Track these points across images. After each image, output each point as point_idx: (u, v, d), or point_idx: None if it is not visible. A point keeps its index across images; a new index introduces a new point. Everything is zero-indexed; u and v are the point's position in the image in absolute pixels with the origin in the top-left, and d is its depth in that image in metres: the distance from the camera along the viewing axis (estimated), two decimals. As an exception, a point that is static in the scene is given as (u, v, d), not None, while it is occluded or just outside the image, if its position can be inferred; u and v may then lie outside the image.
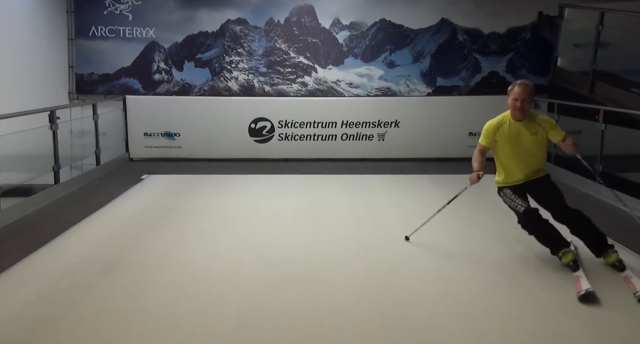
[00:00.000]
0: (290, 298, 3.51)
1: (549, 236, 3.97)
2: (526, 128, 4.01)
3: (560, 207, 3.96)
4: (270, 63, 9.12)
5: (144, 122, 8.41)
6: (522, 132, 4.01)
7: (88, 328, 3.11)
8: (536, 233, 4.00)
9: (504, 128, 4.07)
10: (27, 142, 5.91)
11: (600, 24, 7.80)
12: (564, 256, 3.87)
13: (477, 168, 4.16)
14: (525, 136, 4.00)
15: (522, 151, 4.03)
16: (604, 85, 7.83)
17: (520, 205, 4.00)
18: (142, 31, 8.92)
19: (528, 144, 4.01)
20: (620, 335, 3.04)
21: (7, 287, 3.69)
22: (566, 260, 3.86)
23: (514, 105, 3.99)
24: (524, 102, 3.96)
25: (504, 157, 4.09)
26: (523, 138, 4.01)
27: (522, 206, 3.99)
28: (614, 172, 6.27)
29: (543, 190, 4.06)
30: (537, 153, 4.05)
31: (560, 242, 3.94)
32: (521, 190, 4.06)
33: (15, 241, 4.58)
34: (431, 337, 3.01)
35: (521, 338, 2.99)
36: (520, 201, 4.00)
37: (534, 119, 4.04)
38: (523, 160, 4.04)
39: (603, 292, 3.47)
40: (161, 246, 4.52)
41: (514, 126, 4.04)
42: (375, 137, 8.56)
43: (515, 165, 4.05)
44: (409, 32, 9.06)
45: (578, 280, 3.63)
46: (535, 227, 3.99)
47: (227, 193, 6.39)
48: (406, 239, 4.54)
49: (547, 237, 3.97)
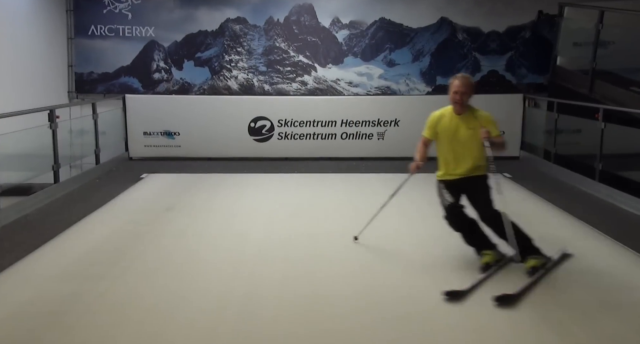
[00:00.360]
0: (290, 293, 3.56)
1: (472, 235, 3.99)
2: (464, 122, 3.99)
3: (484, 209, 3.91)
4: (270, 62, 9.12)
5: (144, 121, 8.41)
6: (460, 126, 4.00)
7: (89, 326, 3.12)
8: (460, 230, 4.02)
9: (444, 121, 4.06)
10: (27, 141, 5.90)
11: (600, 23, 7.80)
12: (483, 257, 3.90)
13: (418, 159, 4.15)
14: (462, 130, 3.98)
15: (459, 145, 4.00)
16: (603, 83, 7.83)
17: (446, 199, 4.01)
18: (142, 30, 8.91)
19: (465, 138, 3.98)
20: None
21: (8, 286, 3.70)
22: (482, 261, 3.88)
23: (454, 98, 3.98)
24: (464, 95, 3.95)
25: (444, 150, 4.09)
26: (460, 132, 3.99)
27: (447, 201, 3.99)
28: (613, 171, 6.27)
29: (473, 190, 3.99)
30: (473, 149, 3.98)
31: (482, 243, 3.95)
32: (456, 187, 4.01)
33: (15, 240, 4.58)
34: (432, 328, 3.04)
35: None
36: (448, 196, 4.01)
37: (474, 114, 4.03)
38: (460, 155, 4.00)
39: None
40: (161, 245, 4.53)
41: (454, 119, 4.03)
42: (375, 135, 8.56)
43: (453, 159, 4.02)
44: (408, 31, 9.06)
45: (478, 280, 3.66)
46: (458, 224, 4.00)
47: (226, 192, 6.40)
48: (355, 239, 4.51)
49: (470, 236, 4.00)
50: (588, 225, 5.04)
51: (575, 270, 3.98)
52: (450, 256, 4.17)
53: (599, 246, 4.54)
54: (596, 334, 3.06)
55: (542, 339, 3.00)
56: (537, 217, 5.38)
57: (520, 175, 7.19)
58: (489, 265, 3.85)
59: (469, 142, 3.96)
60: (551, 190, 6.38)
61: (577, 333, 3.06)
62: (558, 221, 5.26)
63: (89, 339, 3.00)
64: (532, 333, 3.06)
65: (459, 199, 4.01)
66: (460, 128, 3.97)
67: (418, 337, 3.03)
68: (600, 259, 4.23)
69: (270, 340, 2.99)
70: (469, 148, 3.97)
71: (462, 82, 3.95)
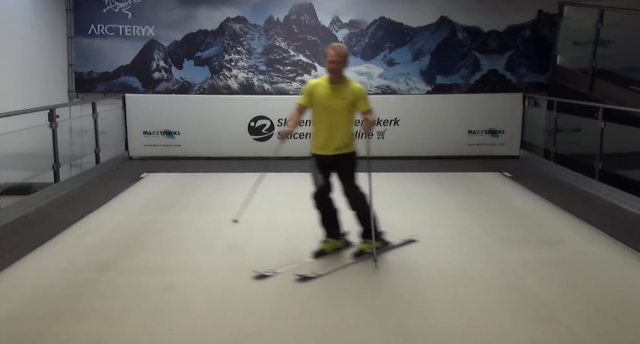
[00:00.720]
0: (290, 290, 3.58)
1: (327, 221, 4.24)
2: (338, 92, 4.08)
3: (345, 184, 4.14)
4: (270, 61, 9.12)
5: (144, 120, 8.41)
6: (334, 96, 4.08)
7: (88, 324, 3.13)
8: (319, 211, 4.23)
9: (320, 89, 4.12)
10: (27, 140, 5.90)
11: (599, 22, 7.80)
12: (322, 243, 4.23)
13: (290, 126, 4.20)
14: (336, 100, 4.07)
15: (332, 115, 4.09)
16: (603, 82, 7.83)
17: (318, 182, 4.15)
18: (142, 29, 8.91)
19: (337, 108, 4.07)
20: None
21: (8, 285, 3.71)
22: (320, 246, 4.21)
23: (330, 67, 4.05)
24: (338, 64, 4.02)
25: (317, 120, 4.18)
26: (334, 101, 4.07)
27: (319, 184, 4.15)
28: (613, 170, 6.27)
29: (340, 166, 4.16)
30: (343, 121, 4.10)
31: (330, 231, 4.24)
32: (328, 165, 4.15)
33: (15, 240, 4.59)
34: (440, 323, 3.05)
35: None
36: (320, 179, 4.14)
37: (349, 85, 4.11)
38: (333, 126, 4.10)
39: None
40: (161, 244, 4.53)
41: (329, 88, 4.10)
42: (374, 135, 8.56)
43: (326, 130, 4.12)
44: (408, 30, 9.06)
45: (295, 263, 3.98)
46: (319, 206, 4.21)
47: (226, 191, 6.39)
48: (234, 222, 4.48)
49: (324, 221, 4.25)
50: (588, 224, 5.04)
51: (575, 269, 3.99)
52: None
53: (598, 245, 4.54)
54: (595, 332, 3.06)
55: (540, 336, 3.01)
56: (536, 216, 5.40)
57: (520, 174, 7.20)
58: (324, 252, 4.19)
59: (340, 113, 4.08)
60: (551, 189, 6.38)
61: (578, 330, 3.06)
62: (558, 220, 5.26)
63: (88, 338, 3.00)
64: (531, 329, 3.08)
65: (330, 177, 4.17)
66: (335, 98, 4.08)
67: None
68: (599, 258, 4.23)
69: (269, 331, 3.01)
70: (341, 118, 4.09)
71: (337, 52, 4.04)
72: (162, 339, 3.01)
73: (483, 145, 8.49)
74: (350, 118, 4.13)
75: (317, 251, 4.21)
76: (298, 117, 4.21)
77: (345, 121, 4.10)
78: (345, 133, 4.12)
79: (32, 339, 2.97)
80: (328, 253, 4.21)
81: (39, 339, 2.97)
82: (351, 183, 4.14)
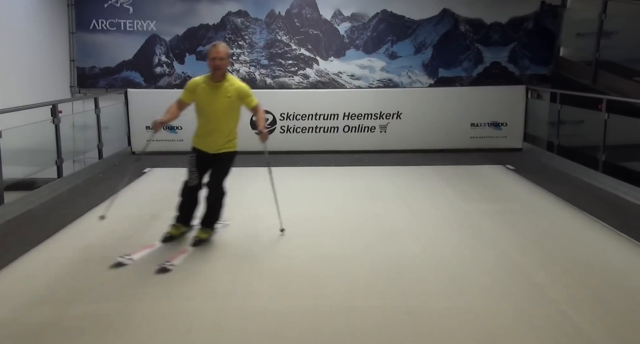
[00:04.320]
0: (293, 288, 3.58)
1: (183, 208, 4.37)
2: (221, 90, 4.10)
3: (214, 180, 4.23)
4: (272, 55, 9.10)
5: (146, 115, 8.38)
6: (217, 93, 4.09)
7: (93, 318, 3.14)
8: (181, 197, 4.35)
9: (202, 87, 4.13)
10: (30, 136, 5.91)
11: (603, 13, 7.76)
12: (171, 228, 4.37)
13: (165, 117, 4.19)
14: (219, 98, 4.08)
15: (215, 114, 4.11)
16: (606, 74, 7.80)
17: (191, 180, 4.25)
18: (143, 24, 8.90)
19: (220, 106, 4.10)
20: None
21: (12, 280, 3.73)
22: (168, 231, 4.35)
23: (214, 64, 4.05)
24: (222, 60, 4.04)
25: (200, 119, 4.21)
26: (217, 99, 4.08)
27: (191, 183, 4.25)
28: (616, 162, 6.25)
29: (218, 163, 4.24)
30: (228, 119, 4.17)
31: (182, 217, 4.37)
32: (206, 162, 4.23)
33: (19, 235, 4.61)
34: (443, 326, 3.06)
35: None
36: (194, 177, 4.23)
37: (232, 83, 4.13)
38: (215, 125, 4.14)
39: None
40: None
41: (212, 86, 4.12)
42: (377, 128, 8.55)
43: (209, 129, 4.16)
44: (410, 23, 9.02)
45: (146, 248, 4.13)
46: (184, 196, 4.34)
47: (228, 185, 6.37)
48: (101, 218, 4.49)
49: (182, 208, 4.37)
50: (591, 216, 5.04)
51: (579, 261, 3.99)
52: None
53: (602, 237, 4.53)
54: (600, 322, 3.07)
55: (546, 327, 3.01)
56: (540, 209, 5.39)
57: (523, 167, 7.18)
58: (172, 237, 4.31)
59: (223, 111, 4.11)
60: (554, 182, 6.37)
61: (580, 321, 3.07)
62: (561, 212, 5.26)
63: (92, 332, 3.02)
64: (537, 321, 3.08)
65: (204, 175, 4.27)
66: (218, 95, 4.09)
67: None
68: (603, 250, 4.23)
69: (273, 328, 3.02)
70: (225, 116, 4.13)
71: (221, 49, 4.05)
72: (172, 319, 3.09)
73: (486, 137, 8.47)
74: (234, 116, 4.18)
75: (166, 236, 4.32)
76: (176, 112, 4.24)
77: (229, 119, 4.16)
78: (229, 131, 4.18)
79: (35, 336, 2.99)
80: (174, 238, 4.32)
81: (41, 338, 2.98)
82: (220, 181, 4.24)
